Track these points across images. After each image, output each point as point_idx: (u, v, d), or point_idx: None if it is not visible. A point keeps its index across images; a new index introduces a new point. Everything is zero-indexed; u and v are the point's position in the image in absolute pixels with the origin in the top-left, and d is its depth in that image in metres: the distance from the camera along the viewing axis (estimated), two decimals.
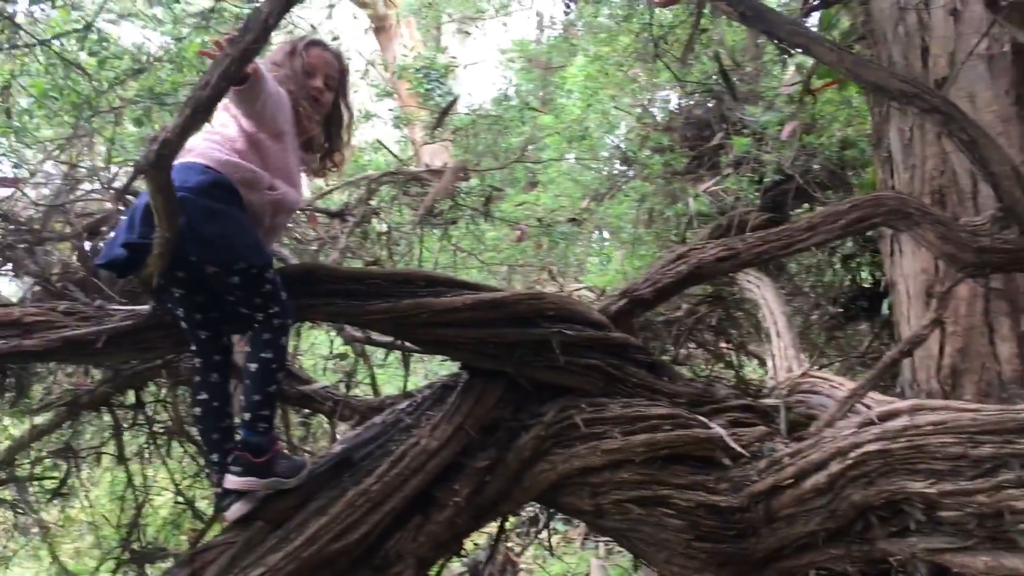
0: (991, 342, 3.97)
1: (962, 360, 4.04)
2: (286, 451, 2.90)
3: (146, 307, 2.84)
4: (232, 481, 2.74)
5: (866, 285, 6.57)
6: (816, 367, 6.32)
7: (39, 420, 3.89)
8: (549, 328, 3.06)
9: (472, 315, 3.00)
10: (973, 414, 2.60)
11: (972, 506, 2.44)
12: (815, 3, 4.59)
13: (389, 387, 6.17)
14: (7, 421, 4.44)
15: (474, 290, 3.08)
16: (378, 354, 5.05)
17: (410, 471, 2.88)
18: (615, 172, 7.46)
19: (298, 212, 5.24)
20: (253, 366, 2.70)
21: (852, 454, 2.68)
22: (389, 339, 3.43)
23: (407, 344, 3.29)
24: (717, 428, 3.09)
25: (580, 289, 7.39)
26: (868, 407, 3.46)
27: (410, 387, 3.76)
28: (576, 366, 3.12)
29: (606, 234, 8.56)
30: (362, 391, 4.82)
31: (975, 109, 4.06)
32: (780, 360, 5.12)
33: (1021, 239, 2.63)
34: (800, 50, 3.04)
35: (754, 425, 3.26)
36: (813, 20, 5.60)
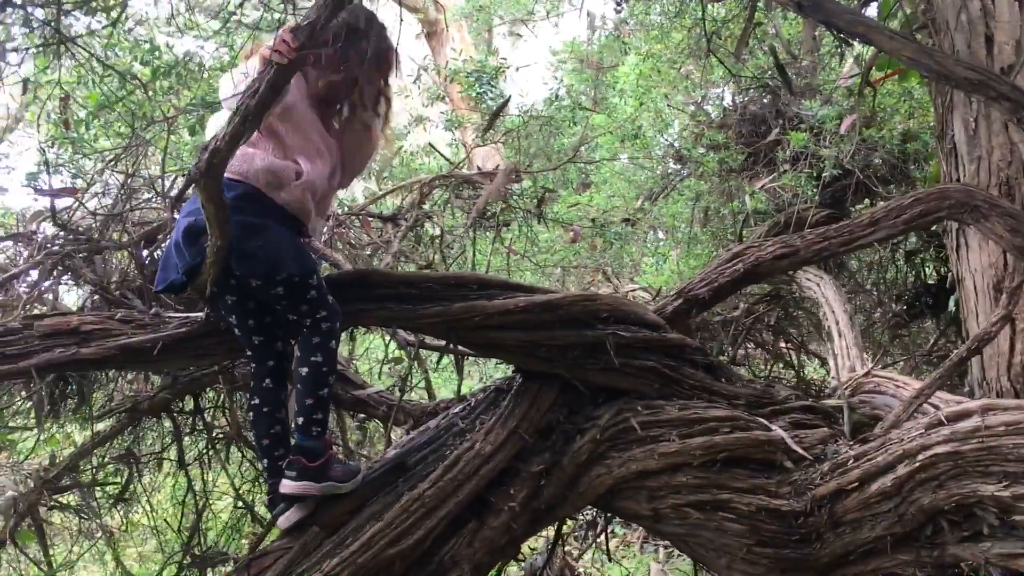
0: None
1: None
2: (341, 456, 2.90)
3: (200, 314, 2.86)
4: (287, 486, 2.74)
5: (931, 281, 6.39)
6: (880, 366, 6.19)
7: (101, 426, 3.96)
8: (603, 330, 3.02)
9: (525, 317, 2.97)
10: None
11: None
12: None
13: (444, 391, 6.18)
14: (70, 428, 4.54)
15: (527, 292, 3.05)
16: (432, 358, 5.04)
17: (464, 476, 2.86)
18: (669, 171, 7.37)
19: (353, 217, 5.28)
20: (304, 370, 2.70)
21: (920, 456, 2.59)
22: (442, 343, 3.41)
23: (461, 347, 3.25)
24: (778, 430, 3.02)
25: (635, 290, 7.32)
26: (936, 407, 3.35)
27: (464, 391, 3.73)
28: (631, 368, 3.07)
29: (661, 234, 8.48)
30: (417, 395, 4.81)
31: None
32: (842, 360, 5.01)
33: None
34: (860, 40, 2.95)
35: (816, 427, 3.18)
36: (872, 10, 5.47)
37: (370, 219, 5.02)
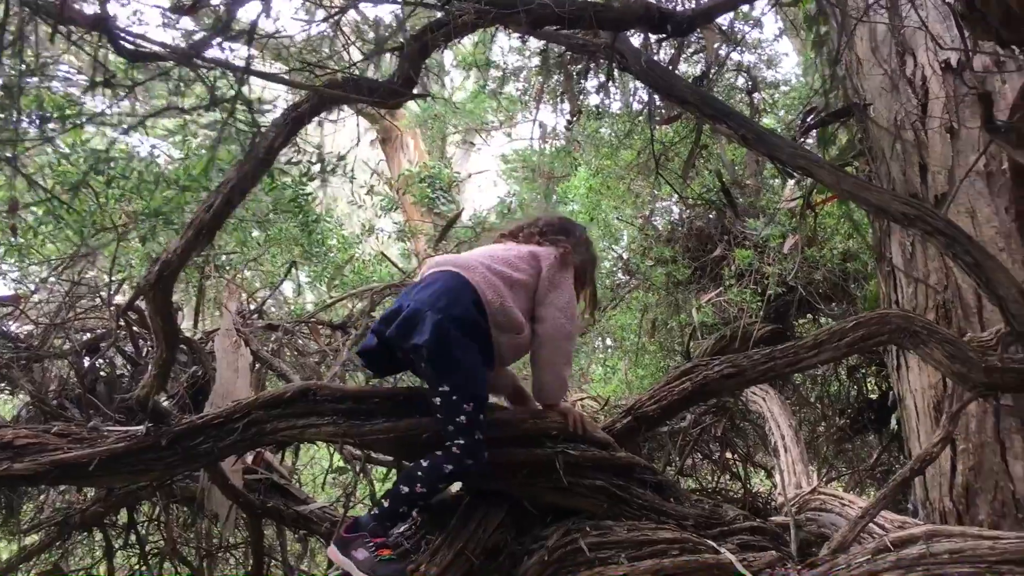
0: (1004, 460, 3.90)
1: (975, 478, 3.96)
2: (388, 553, 2.82)
3: (141, 428, 2.79)
4: (329, 550, 2.82)
5: (873, 397, 6.51)
6: (825, 481, 6.23)
7: (29, 540, 3.78)
8: (553, 448, 3.00)
9: None
10: (991, 542, 2.52)
11: None
12: (813, 121, 4.67)
13: None
14: None
15: None
16: (380, 469, 4.95)
17: None
18: (618, 282, 7.48)
19: (301, 324, 5.24)
20: (415, 463, 2.83)
21: None
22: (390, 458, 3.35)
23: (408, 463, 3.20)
24: (726, 553, 2.99)
25: (584, 399, 7.31)
26: (882, 527, 3.38)
27: None
28: (581, 487, 3.04)
29: (610, 343, 8.53)
30: (363, 509, 4.70)
31: (976, 225, 4.10)
32: (788, 475, 5.04)
33: None
34: (801, 173, 3.07)
35: (764, 548, 3.15)
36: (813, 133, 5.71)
37: (319, 326, 4.98)
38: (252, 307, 4.83)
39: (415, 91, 2.63)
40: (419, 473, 2.81)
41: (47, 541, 3.75)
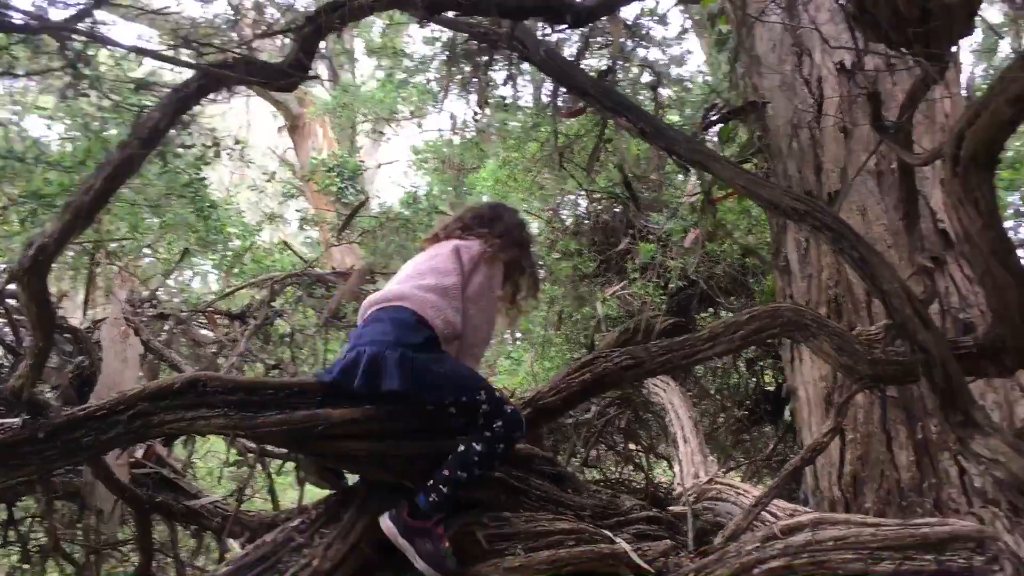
0: (889, 450, 4.04)
1: (862, 467, 4.09)
2: (449, 548, 2.82)
3: (17, 420, 2.65)
4: (384, 519, 2.80)
5: (770, 388, 6.69)
6: (724, 470, 6.37)
7: None
8: (451, 439, 2.97)
9: (371, 427, 2.90)
10: (873, 529, 2.59)
11: None
12: (714, 117, 4.75)
13: (292, 495, 5.91)
14: None
15: None
16: (277, 462, 4.84)
17: None
18: None
19: (198, 313, 5.09)
20: (460, 447, 2.84)
21: (756, 570, 2.63)
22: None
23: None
24: (622, 543, 3.01)
25: None
26: (774, 516, 3.46)
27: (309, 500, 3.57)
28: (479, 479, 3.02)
29: (516, 336, 8.55)
30: (261, 503, 4.60)
31: (866, 223, 4.23)
32: (687, 465, 5.12)
33: (912, 354, 2.68)
34: (698, 167, 3.12)
35: (660, 538, 3.20)
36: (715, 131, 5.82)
37: (216, 316, 4.84)
38: (145, 295, 4.65)
39: (309, 75, 2.55)
40: (475, 457, 2.85)
41: None
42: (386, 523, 2.80)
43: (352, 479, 3.15)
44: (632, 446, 7.34)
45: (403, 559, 2.87)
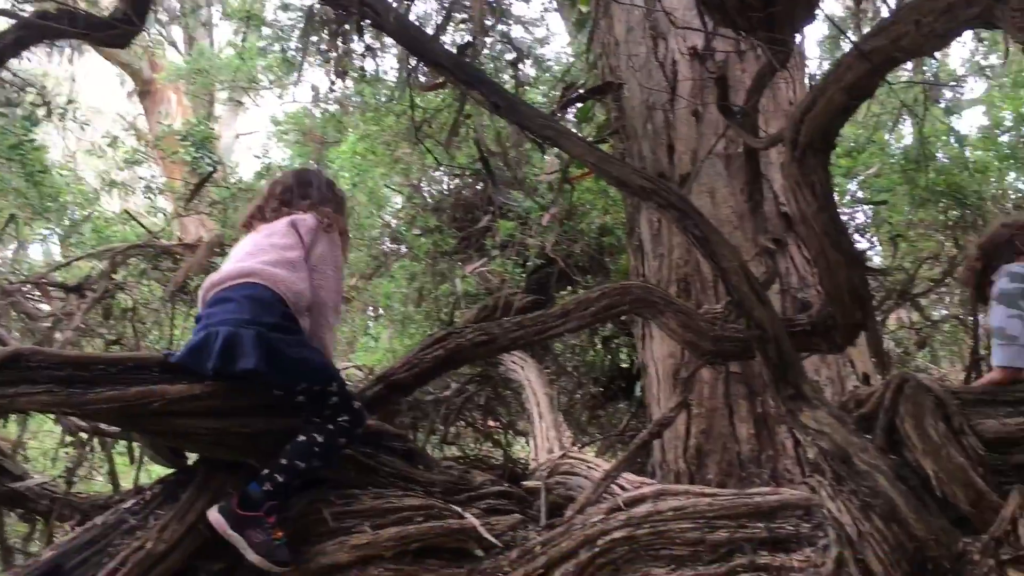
0: (731, 423, 4.21)
1: (706, 441, 4.25)
2: (279, 534, 2.72)
3: None
4: (212, 512, 2.68)
5: (625, 366, 6.85)
6: (579, 446, 6.49)
7: None
8: (295, 416, 2.90)
9: (212, 403, 2.79)
10: (711, 499, 2.70)
11: None
12: (572, 96, 4.80)
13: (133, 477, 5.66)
14: None
15: None
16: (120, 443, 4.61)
17: None
18: (385, 250, 7.41)
19: (31, 286, 4.77)
20: (301, 437, 2.78)
21: (600, 541, 2.70)
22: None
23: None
24: (470, 518, 3.02)
25: (348, 367, 7.20)
26: (623, 488, 3.55)
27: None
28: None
29: (376, 312, 8.46)
30: (100, 484, 4.37)
31: (715, 204, 4.38)
32: (542, 441, 5.19)
33: (749, 330, 2.78)
34: (550, 143, 3.14)
35: (510, 512, 3.22)
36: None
37: (51, 288, 4.55)
38: None
39: (136, 27, 2.40)
40: (315, 448, 2.80)
41: None
42: (214, 516, 2.70)
43: (193, 457, 3.04)
44: (491, 423, 7.40)
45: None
